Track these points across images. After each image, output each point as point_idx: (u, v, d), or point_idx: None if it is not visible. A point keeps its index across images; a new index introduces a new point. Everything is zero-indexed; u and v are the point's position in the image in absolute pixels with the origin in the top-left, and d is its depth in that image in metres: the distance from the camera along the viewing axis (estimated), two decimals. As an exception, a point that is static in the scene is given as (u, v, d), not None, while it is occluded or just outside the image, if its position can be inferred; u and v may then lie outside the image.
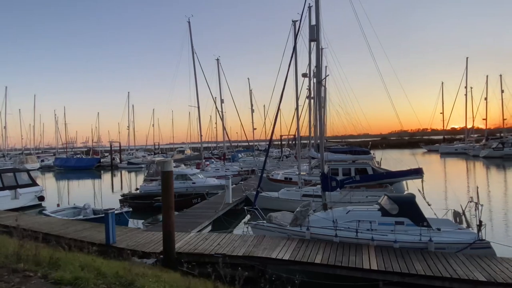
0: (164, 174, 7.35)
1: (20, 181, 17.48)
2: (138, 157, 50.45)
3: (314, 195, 13.38)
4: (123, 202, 16.34)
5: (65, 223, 10.90)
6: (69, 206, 14.25)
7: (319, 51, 9.08)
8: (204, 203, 14.00)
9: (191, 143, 69.85)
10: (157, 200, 15.91)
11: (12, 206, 16.33)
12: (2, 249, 4.28)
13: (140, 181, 33.50)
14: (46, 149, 74.69)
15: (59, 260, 3.68)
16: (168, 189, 7.30)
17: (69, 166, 43.82)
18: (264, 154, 44.24)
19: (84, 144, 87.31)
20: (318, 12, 9.05)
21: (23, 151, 59.73)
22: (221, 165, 26.31)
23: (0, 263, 3.55)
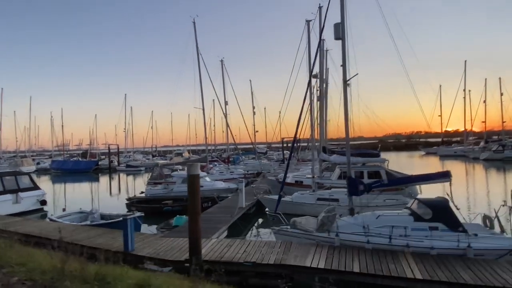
0: (190, 178, 6.96)
1: (21, 184, 16.87)
2: (137, 159, 49.73)
3: (329, 198, 13.09)
4: (130, 206, 15.85)
5: (75, 229, 10.40)
6: (75, 211, 13.68)
7: (345, 49, 8.79)
8: (216, 208, 13.58)
9: (190, 146, 69.32)
10: (165, 204, 15.49)
11: (14, 211, 15.72)
12: (32, 263, 3.83)
13: (139, 184, 32.93)
14: (40, 152, 73.45)
15: (107, 276, 3.28)
16: (194, 193, 6.91)
17: (66, 169, 42.91)
18: (265, 157, 44.11)
19: (78, 146, 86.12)
20: (343, 9, 8.79)
21: (18, 154, 58.56)
22: (225, 168, 25.88)
23: (38, 282, 3.13)
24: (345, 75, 8.83)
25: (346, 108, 8.85)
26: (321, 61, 14.88)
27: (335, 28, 8.79)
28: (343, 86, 8.85)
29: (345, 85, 8.84)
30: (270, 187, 16.01)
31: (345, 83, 8.83)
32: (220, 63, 26.77)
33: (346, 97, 8.84)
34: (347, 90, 8.95)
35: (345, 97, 8.86)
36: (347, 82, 8.88)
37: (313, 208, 12.93)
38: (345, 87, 8.84)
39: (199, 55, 22.56)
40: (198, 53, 22.51)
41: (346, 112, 8.85)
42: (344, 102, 8.88)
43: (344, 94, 8.87)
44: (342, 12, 8.76)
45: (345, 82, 8.83)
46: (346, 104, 8.86)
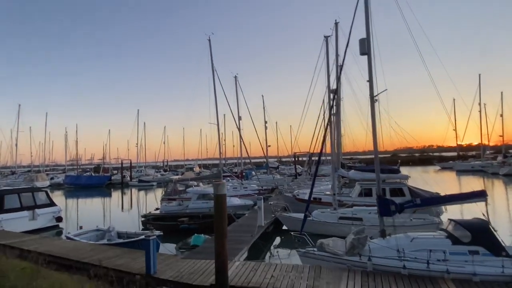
0: (218, 198, 6.69)
1: (38, 201, 16.89)
2: (149, 174, 49.85)
3: (352, 217, 12.62)
4: (146, 223, 15.63)
5: (93, 248, 10.18)
6: (92, 229, 13.52)
7: (371, 65, 8.61)
8: (234, 226, 13.22)
9: (200, 160, 69.45)
10: (182, 222, 15.20)
11: (30, 228, 15.68)
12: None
13: (152, 200, 32.85)
14: (53, 167, 74.60)
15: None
16: (221, 215, 6.64)
17: (79, 184, 43.27)
18: (277, 171, 43.61)
19: (90, 161, 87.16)
20: (368, 24, 8.66)
21: (32, 168, 59.56)
22: (239, 183, 25.56)
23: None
24: (372, 91, 8.61)
25: (374, 124, 8.56)
26: (339, 76, 14.71)
27: (360, 44, 8.65)
28: (370, 102, 8.61)
29: (372, 101, 8.60)
30: (287, 204, 15.60)
31: (372, 98, 8.60)
32: (234, 79, 26.99)
33: (373, 113, 8.58)
34: (375, 105, 8.66)
35: (372, 113, 8.60)
36: (374, 98, 8.62)
37: (335, 227, 12.48)
38: (372, 103, 8.59)
39: (214, 72, 22.75)
40: (213, 70, 22.71)
41: (374, 128, 8.56)
42: (372, 118, 8.61)
43: (372, 110, 8.61)
44: (368, 27, 8.64)
45: (372, 98, 8.60)
46: (374, 120, 8.58)
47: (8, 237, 12.29)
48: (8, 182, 43.39)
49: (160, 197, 23.09)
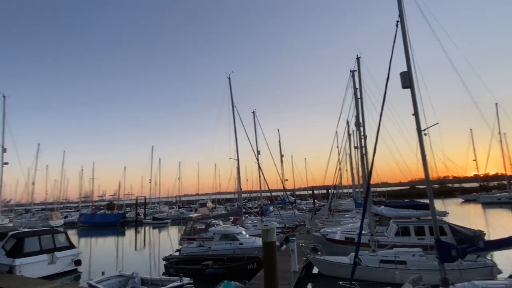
0: (267, 246, 6.09)
1: (57, 243, 16.32)
2: (163, 211, 49.04)
3: (395, 261, 11.59)
4: (168, 268, 14.77)
5: (120, 298, 9.41)
6: (114, 275, 12.74)
7: (415, 98, 8.31)
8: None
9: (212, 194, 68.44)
10: (206, 266, 14.30)
11: (49, 272, 15.01)
12: None
13: (167, 239, 31.82)
14: (66, 204, 74.60)
15: None
16: (272, 264, 6.01)
17: (94, 222, 42.67)
18: (294, 206, 42.28)
19: (101, 197, 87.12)
20: (408, 56, 8.50)
21: (46, 206, 59.57)
22: (258, 220, 24.56)
23: None
24: (419, 124, 8.21)
25: (424, 158, 8.05)
26: (362, 110, 14.46)
27: (402, 77, 8.43)
28: (418, 136, 8.19)
29: (420, 134, 8.18)
30: (320, 246, 14.60)
31: (420, 132, 8.18)
32: (252, 114, 27.15)
33: (422, 146, 8.12)
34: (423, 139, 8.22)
35: (421, 147, 8.13)
36: (422, 132, 8.20)
37: (377, 272, 11.45)
38: (421, 136, 8.17)
39: (234, 108, 22.92)
40: (233, 107, 22.89)
41: (425, 162, 8.04)
42: (421, 152, 8.13)
43: (420, 144, 8.16)
44: (408, 58, 8.47)
45: (419, 132, 8.18)
46: (424, 154, 8.09)
47: (28, 285, 11.63)
48: (23, 221, 43.11)
49: (179, 237, 22.22)
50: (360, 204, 29.25)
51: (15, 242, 15.15)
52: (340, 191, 36.14)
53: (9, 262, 14.30)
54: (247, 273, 13.33)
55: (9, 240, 15.45)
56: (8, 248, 15.03)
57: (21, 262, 14.37)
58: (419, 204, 17.13)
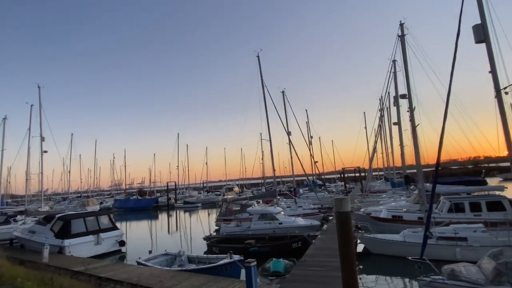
0: (340, 217, 5.57)
1: (102, 225, 16.74)
2: (193, 196, 49.98)
3: (456, 237, 10.82)
4: (211, 246, 14.76)
5: (174, 275, 9.38)
6: (161, 253, 12.88)
7: (492, 53, 7.32)
8: (315, 250, 11.80)
9: (239, 180, 68.90)
10: (249, 244, 14.12)
11: (95, 253, 15.43)
12: None
13: (199, 221, 32.35)
14: (99, 191, 77.92)
15: None
16: (347, 237, 5.48)
17: (128, 207, 44.17)
18: (324, 189, 41.60)
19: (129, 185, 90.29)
20: (481, 8, 7.46)
21: (82, 194, 62.41)
22: (292, 202, 24.17)
23: None
24: (497, 83, 7.24)
25: (505, 122, 7.10)
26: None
27: (475, 30, 7.42)
28: (497, 96, 7.21)
29: (499, 94, 7.22)
30: (368, 224, 14.00)
31: (499, 92, 7.21)
32: (282, 94, 26.39)
33: (502, 108, 7.15)
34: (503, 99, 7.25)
35: (500, 109, 7.17)
36: (502, 91, 7.23)
37: (435, 249, 10.72)
38: (500, 96, 7.20)
39: (264, 88, 22.25)
40: (263, 86, 22.24)
41: (506, 127, 7.10)
42: (501, 116, 7.17)
43: (500, 105, 7.20)
44: (481, 10, 7.43)
45: (498, 92, 7.21)
46: (504, 117, 7.13)
47: (80, 264, 11.92)
48: (62, 207, 45.31)
49: (215, 218, 22.34)
50: (397, 184, 28.16)
51: (63, 224, 15.66)
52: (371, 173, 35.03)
53: (59, 243, 14.80)
54: (291, 251, 13.05)
55: (56, 222, 15.99)
56: (57, 230, 15.56)
57: (70, 243, 14.85)
58: (470, 180, 15.99)
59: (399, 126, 21.34)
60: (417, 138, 12.44)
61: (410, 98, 12.82)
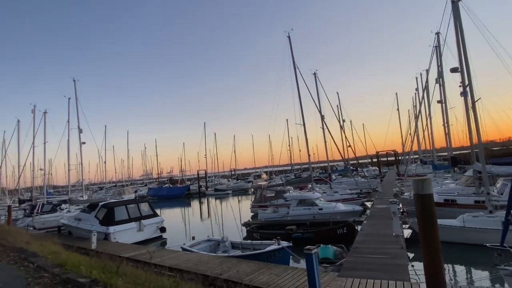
0: (422, 200, 4.93)
1: (143, 212, 17.06)
2: (222, 183, 50.52)
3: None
4: (251, 232, 14.57)
5: (223, 261, 9.20)
6: (204, 239, 12.86)
7: None
8: (364, 236, 11.17)
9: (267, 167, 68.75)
10: (291, 230, 13.76)
11: (138, 239, 15.76)
12: None
13: (230, 207, 32.56)
14: (133, 181, 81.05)
15: None
16: (431, 221, 4.85)
17: (162, 195, 45.48)
18: (356, 173, 40.35)
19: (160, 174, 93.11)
20: None
21: (117, 184, 65.13)
22: (328, 187, 23.47)
23: None
24: None
25: None
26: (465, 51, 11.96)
27: None
28: None
29: None
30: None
31: None
32: (313, 76, 25.31)
33: None
34: None
35: None
36: None
37: (494, 235, 9.77)
38: None
39: (296, 69, 21.37)
40: (295, 68, 21.36)
41: None
42: None
43: None
44: None
45: None
46: None
47: (127, 250, 12.16)
48: (100, 196, 47.47)
49: (250, 205, 22.22)
50: (440, 167, 26.52)
51: (106, 211, 16.08)
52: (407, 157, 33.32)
53: (104, 229, 15.23)
54: (336, 237, 12.55)
55: (100, 209, 16.46)
56: (101, 217, 16.02)
57: (114, 229, 15.23)
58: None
59: (445, 104, 19.79)
60: (477, 115, 11.23)
61: (468, 70, 11.55)
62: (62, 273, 4.63)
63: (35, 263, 5.46)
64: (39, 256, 5.97)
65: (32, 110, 31.78)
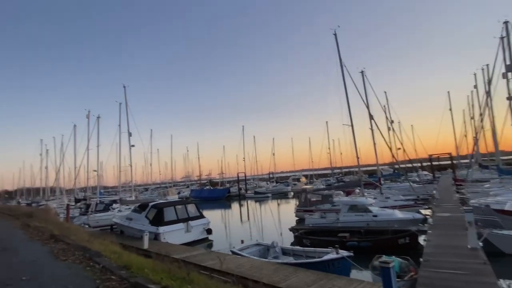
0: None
1: (190, 213, 17.20)
2: (262, 186, 50.28)
3: None
4: (300, 238, 13.91)
5: (278, 268, 8.71)
6: (252, 243, 12.49)
7: None
8: (432, 248, 10.00)
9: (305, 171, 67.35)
10: (344, 238, 12.86)
11: (186, 240, 15.82)
12: None
13: (270, 210, 31.99)
14: (175, 183, 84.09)
15: None
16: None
17: (203, 197, 46.38)
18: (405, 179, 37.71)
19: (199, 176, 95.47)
20: None
21: (161, 185, 67.86)
22: (378, 193, 21.97)
23: None
24: None
25: None
26: None
27: None
28: None
29: None
30: (498, 218, 11.59)
31: None
32: (361, 74, 24.04)
33: None
34: None
35: None
36: None
37: None
38: None
39: (343, 68, 20.38)
40: (342, 66, 20.37)
41: None
42: None
43: None
44: None
45: None
46: None
47: (177, 251, 12.14)
48: (146, 197, 49.63)
49: (294, 209, 21.53)
50: (505, 171, 23.70)
51: (156, 212, 16.41)
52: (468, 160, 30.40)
53: (154, 230, 15.50)
54: (397, 248, 11.43)
55: (150, 210, 16.85)
56: (151, 217, 16.37)
57: (164, 230, 15.45)
58: None
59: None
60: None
61: None
62: (129, 276, 4.44)
63: (100, 263, 5.37)
64: (103, 256, 5.92)
65: (87, 115, 34.18)
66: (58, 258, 6.35)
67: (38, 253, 7.29)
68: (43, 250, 7.65)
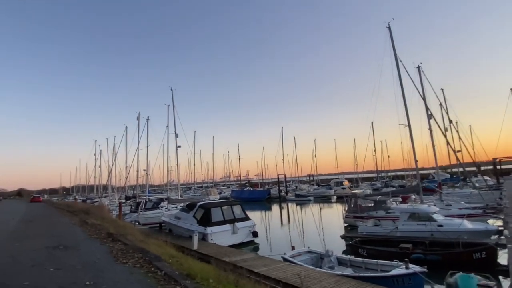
0: None
1: (236, 214, 16.94)
2: (303, 189, 49.11)
3: None
4: (356, 247, 12.91)
5: (338, 280, 7.95)
6: (304, 250, 11.81)
7: None
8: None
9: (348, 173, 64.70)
10: (407, 249, 11.62)
11: (232, 242, 15.53)
12: None
13: (311, 215, 30.83)
14: (216, 183, 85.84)
15: None
16: None
17: (244, 197, 46.42)
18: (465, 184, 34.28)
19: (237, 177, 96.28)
20: None
21: (202, 185, 69.56)
22: (438, 199, 19.94)
23: None
24: None
25: None
26: None
27: None
28: None
29: None
30: None
31: None
32: (417, 70, 22.14)
33: None
34: None
35: None
36: None
37: None
38: None
39: (398, 63, 18.84)
40: (397, 62, 18.84)
41: None
42: None
43: None
44: None
45: None
46: None
47: (228, 254, 11.82)
48: (189, 196, 51.00)
49: (343, 214, 20.36)
50: None
51: (204, 212, 16.39)
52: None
53: (202, 230, 15.45)
54: (471, 263, 10.05)
55: (198, 210, 16.89)
56: (199, 217, 16.38)
57: (211, 230, 15.34)
58: None
59: None
60: None
61: None
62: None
63: (162, 269, 5.12)
64: (163, 261, 5.69)
65: (137, 117, 35.87)
66: (118, 260, 6.26)
67: (97, 253, 7.34)
68: (102, 250, 7.72)
